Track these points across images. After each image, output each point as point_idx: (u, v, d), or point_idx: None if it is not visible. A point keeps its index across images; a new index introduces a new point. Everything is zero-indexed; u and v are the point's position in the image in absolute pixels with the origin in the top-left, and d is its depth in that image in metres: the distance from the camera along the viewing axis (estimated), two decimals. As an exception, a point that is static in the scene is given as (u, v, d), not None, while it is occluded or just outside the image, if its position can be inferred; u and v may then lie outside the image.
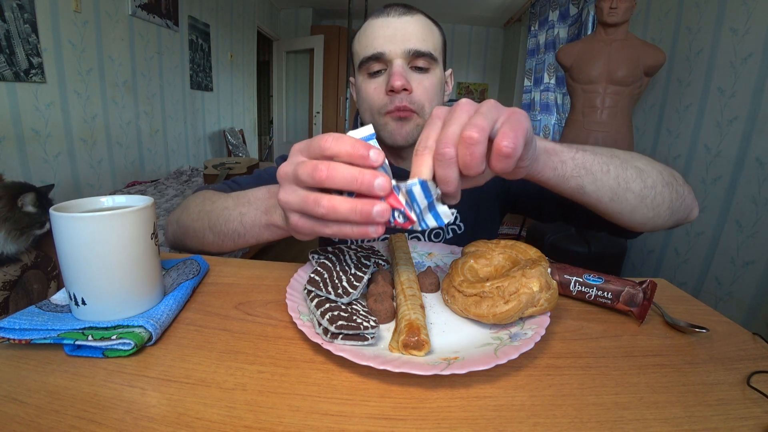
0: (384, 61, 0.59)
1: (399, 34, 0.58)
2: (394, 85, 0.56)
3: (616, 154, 0.46)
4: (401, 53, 0.58)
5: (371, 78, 0.61)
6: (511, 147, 0.30)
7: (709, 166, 1.72)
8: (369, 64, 0.60)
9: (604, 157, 0.45)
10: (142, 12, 2.38)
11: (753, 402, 0.31)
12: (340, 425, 0.27)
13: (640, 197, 0.46)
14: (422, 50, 0.58)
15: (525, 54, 3.89)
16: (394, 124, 0.60)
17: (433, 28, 0.62)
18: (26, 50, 1.67)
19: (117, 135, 2.31)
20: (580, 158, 0.43)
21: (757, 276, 1.48)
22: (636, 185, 0.45)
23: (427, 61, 0.59)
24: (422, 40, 0.58)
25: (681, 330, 0.41)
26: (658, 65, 1.78)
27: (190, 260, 0.49)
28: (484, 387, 0.31)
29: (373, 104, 0.61)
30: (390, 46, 0.58)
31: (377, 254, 0.50)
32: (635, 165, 0.46)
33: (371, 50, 0.59)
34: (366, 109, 0.63)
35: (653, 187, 0.46)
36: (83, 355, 0.33)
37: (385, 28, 0.59)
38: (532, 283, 0.35)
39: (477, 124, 0.30)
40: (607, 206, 0.46)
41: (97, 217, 0.33)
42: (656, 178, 0.47)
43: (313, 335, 0.33)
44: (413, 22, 0.59)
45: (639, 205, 0.47)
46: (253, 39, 4.24)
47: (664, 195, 0.47)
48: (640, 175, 0.46)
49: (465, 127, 0.30)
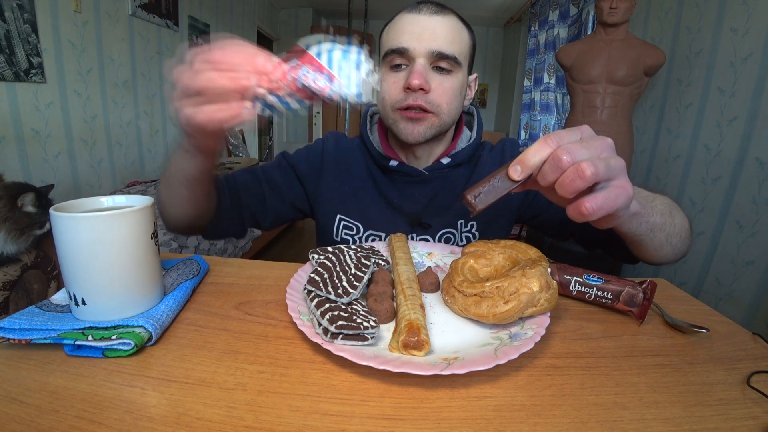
0: (407, 57, 0.58)
1: (427, 32, 0.57)
2: (411, 83, 0.56)
3: (673, 213, 0.50)
4: (425, 52, 0.57)
5: (392, 71, 0.60)
6: (589, 210, 0.32)
7: (709, 166, 1.72)
8: (392, 57, 0.59)
9: (666, 217, 0.48)
10: (142, 12, 2.38)
11: (753, 402, 0.31)
12: (340, 425, 0.27)
13: (671, 248, 0.51)
14: (447, 53, 0.57)
15: (525, 54, 3.89)
16: (405, 124, 0.60)
17: (463, 31, 0.61)
18: (26, 50, 1.67)
19: (117, 135, 2.30)
20: (653, 221, 0.45)
21: (757, 276, 1.48)
22: (675, 240, 0.50)
23: (450, 64, 0.58)
24: (449, 42, 0.58)
25: (681, 330, 0.41)
26: (658, 65, 1.78)
27: (190, 260, 0.49)
28: (484, 387, 0.31)
29: (389, 98, 0.61)
30: (415, 44, 0.57)
31: (377, 254, 0.50)
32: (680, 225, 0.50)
33: (396, 44, 0.59)
34: (381, 99, 0.63)
35: (681, 242, 0.51)
36: (83, 355, 0.33)
37: (414, 24, 0.58)
38: (532, 283, 0.35)
39: (597, 168, 0.31)
40: (644, 251, 0.51)
41: (97, 217, 0.33)
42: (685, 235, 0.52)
43: (313, 335, 0.33)
44: (443, 22, 0.58)
45: (668, 254, 0.52)
46: (253, 39, 4.24)
47: (684, 245, 0.53)
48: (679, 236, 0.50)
49: (590, 161, 0.32)
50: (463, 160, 0.66)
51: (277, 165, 0.71)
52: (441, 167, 0.66)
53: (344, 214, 0.68)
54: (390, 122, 0.63)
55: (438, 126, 0.61)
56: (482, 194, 0.36)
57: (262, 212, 0.69)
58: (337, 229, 0.68)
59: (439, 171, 0.66)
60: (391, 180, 0.68)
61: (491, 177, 0.36)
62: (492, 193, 0.36)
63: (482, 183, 0.36)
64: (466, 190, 0.36)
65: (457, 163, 0.66)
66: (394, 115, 0.61)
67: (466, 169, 0.69)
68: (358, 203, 0.68)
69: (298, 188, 0.70)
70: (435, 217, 0.67)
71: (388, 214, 0.67)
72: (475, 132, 0.69)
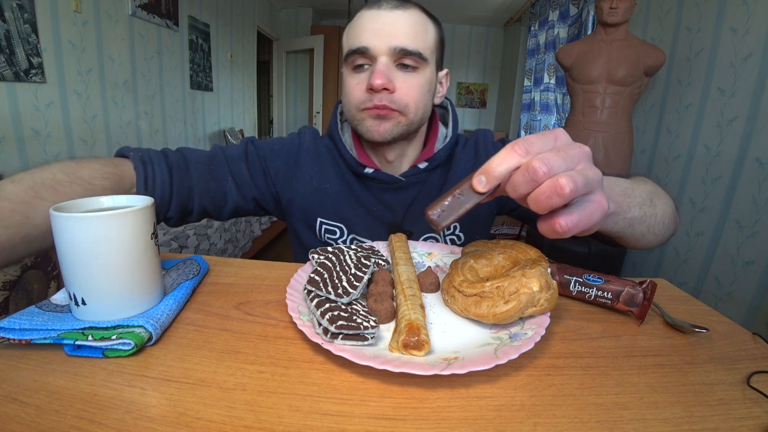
0: (369, 56, 0.55)
1: (387, 28, 0.54)
2: (373, 83, 0.53)
3: (654, 201, 0.48)
4: (387, 50, 0.54)
5: (355, 72, 0.58)
6: (564, 229, 0.30)
7: (709, 166, 1.72)
8: (353, 58, 0.57)
9: (646, 208, 0.46)
10: (142, 12, 2.38)
11: (753, 402, 0.31)
12: (340, 425, 0.27)
13: (654, 236, 0.50)
14: (409, 49, 0.54)
15: (525, 54, 3.89)
16: (371, 122, 0.57)
17: (428, 25, 0.58)
18: (26, 50, 1.67)
19: (117, 135, 2.30)
20: (631, 216, 0.44)
21: (757, 276, 1.48)
22: (658, 228, 0.49)
23: (414, 60, 0.55)
24: (412, 38, 0.55)
25: (681, 330, 0.41)
26: (658, 65, 1.78)
27: (190, 260, 0.49)
28: (484, 387, 0.31)
29: (353, 99, 0.58)
30: (376, 41, 0.54)
31: (377, 254, 0.50)
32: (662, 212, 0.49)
33: (356, 43, 0.56)
34: (346, 102, 0.61)
35: (665, 228, 0.50)
36: (83, 355, 0.33)
37: (374, 21, 0.55)
38: (532, 283, 0.35)
39: (576, 183, 0.28)
40: (625, 242, 0.50)
41: (97, 217, 0.33)
42: (669, 220, 0.51)
43: (313, 335, 0.33)
44: (405, 17, 0.55)
45: (651, 242, 0.51)
46: (253, 39, 4.24)
47: (670, 229, 0.52)
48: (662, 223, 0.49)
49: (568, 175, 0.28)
50: (440, 162, 0.64)
51: (243, 154, 0.63)
52: (418, 172, 0.63)
53: (325, 217, 0.65)
54: (356, 123, 0.60)
55: (405, 125, 0.58)
56: (445, 210, 0.33)
57: (220, 204, 0.61)
58: (319, 232, 0.66)
59: (416, 176, 0.63)
60: (367, 187, 0.65)
61: (454, 189, 0.33)
62: (455, 207, 0.33)
63: (445, 196, 0.33)
64: (428, 206, 0.33)
65: (434, 166, 0.64)
66: (359, 114, 0.58)
67: (443, 170, 0.66)
68: (338, 204, 0.65)
69: (264, 185, 0.64)
70: (415, 223, 0.65)
71: (368, 222, 0.65)
72: (451, 129, 0.66)
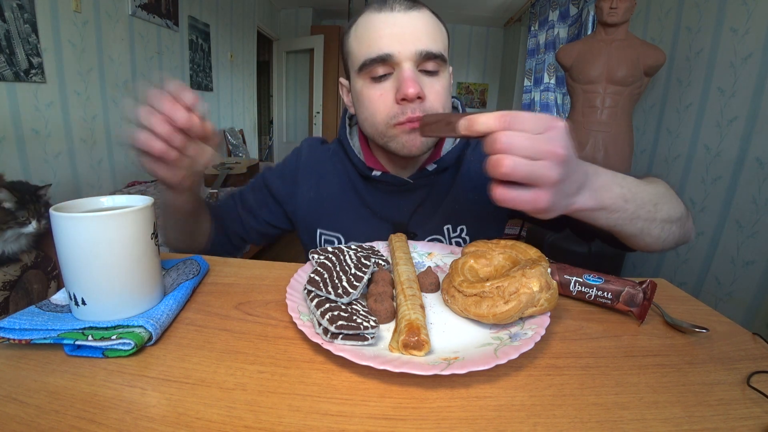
0: (391, 64, 0.51)
1: (408, 32, 0.50)
2: (407, 93, 0.49)
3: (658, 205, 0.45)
4: (411, 55, 0.50)
5: (374, 83, 0.53)
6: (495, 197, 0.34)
7: (709, 166, 1.72)
8: (373, 68, 0.52)
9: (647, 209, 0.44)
10: (142, 12, 2.38)
11: (753, 402, 0.31)
12: (340, 425, 0.27)
13: (653, 239, 0.47)
14: (434, 51, 0.51)
15: (525, 54, 3.89)
16: (407, 137, 0.53)
17: (440, 25, 0.55)
18: (26, 50, 1.67)
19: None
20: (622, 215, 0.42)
21: (757, 276, 1.48)
22: (656, 231, 0.46)
23: (437, 64, 0.52)
24: (433, 40, 0.52)
25: (681, 330, 0.41)
26: (658, 65, 1.78)
27: (190, 260, 0.49)
28: (484, 387, 0.31)
29: (380, 113, 0.53)
30: (398, 47, 0.50)
31: (377, 254, 0.50)
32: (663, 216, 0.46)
33: (376, 51, 0.51)
34: (368, 117, 0.55)
35: (667, 232, 0.47)
36: (83, 355, 0.33)
37: (391, 25, 0.50)
38: (532, 283, 0.35)
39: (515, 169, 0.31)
40: (625, 241, 0.49)
41: (97, 217, 0.33)
42: (675, 224, 0.48)
43: (313, 335, 0.33)
44: (422, 18, 0.52)
45: (651, 244, 0.48)
46: (253, 39, 4.24)
47: (675, 234, 0.48)
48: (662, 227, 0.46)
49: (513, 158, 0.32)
50: (449, 164, 0.62)
51: (251, 187, 0.71)
52: (427, 174, 0.61)
53: (324, 228, 0.65)
54: (386, 140, 0.55)
55: None
56: (433, 124, 0.40)
57: (244, 233, 0.70)
58: (320, 243, 0.66)
59: (425, 179, 0.62)
60: (374, 188, 0.64)
61: (450, 116, 0.38)
62: (440, 128, 0.39)
63: (441, 115, 0.39)
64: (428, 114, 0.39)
65: (443, 169, 0.62)
66: (390, 131, 0.54)
67: (452, 172, 0.64)
68: (338, 213, 0.65)
69: (273, 207, 0.70)
70: (421, 225, 0.64)
71: (372, 224, 0.64)
72: None
